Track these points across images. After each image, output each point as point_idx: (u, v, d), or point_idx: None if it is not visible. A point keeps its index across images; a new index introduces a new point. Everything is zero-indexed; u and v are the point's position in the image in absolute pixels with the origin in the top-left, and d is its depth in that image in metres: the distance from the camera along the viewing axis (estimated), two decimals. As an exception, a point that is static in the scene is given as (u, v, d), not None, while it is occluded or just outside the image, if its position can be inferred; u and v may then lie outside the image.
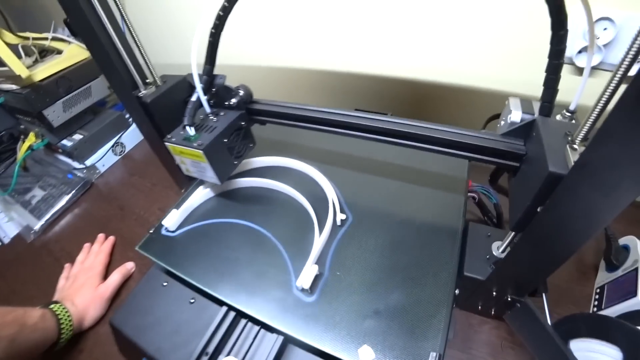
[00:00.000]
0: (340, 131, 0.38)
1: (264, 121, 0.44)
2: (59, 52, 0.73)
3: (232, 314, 0.37)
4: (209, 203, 0.48)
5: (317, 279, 0.36)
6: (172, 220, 0.43)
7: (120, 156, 0.80)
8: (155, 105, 0.43)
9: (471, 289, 0.38)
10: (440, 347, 0.30)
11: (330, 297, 0.35)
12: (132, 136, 0.81)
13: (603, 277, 0.43)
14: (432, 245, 0.39)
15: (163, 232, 0.44)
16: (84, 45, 0.74)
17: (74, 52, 0.73)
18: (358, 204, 0.44)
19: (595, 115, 0.23)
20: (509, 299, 0.36)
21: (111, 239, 0.59)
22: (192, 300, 0.40)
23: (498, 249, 0.39)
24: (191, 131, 0.39)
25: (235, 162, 0.43)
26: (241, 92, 0.41)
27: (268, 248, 0.40)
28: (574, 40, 0.45)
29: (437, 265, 0.37)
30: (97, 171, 0.75)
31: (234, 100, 0.41)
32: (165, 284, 0.42)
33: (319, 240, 0.38)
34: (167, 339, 0.38)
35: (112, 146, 0.78)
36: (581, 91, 0.28)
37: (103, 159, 0.76)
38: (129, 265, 0.54)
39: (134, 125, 0.82)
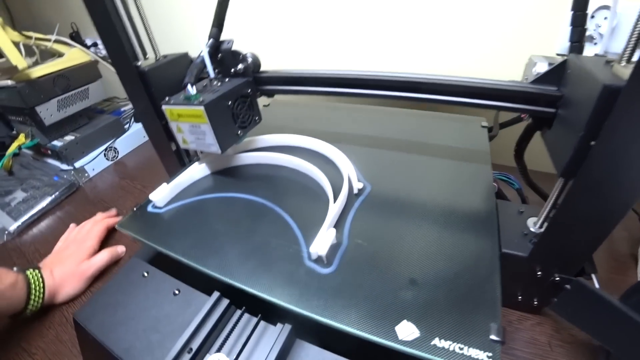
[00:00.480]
0: (359, 92, 0.35)
1: (272, 91, 0.41)
2: (61, 55, 0.72)
3: (225, 302, 0.29)
4: (205, 180, 0.43)
5: (334, 248, 0.31)
6: (160, 195, 0.38)
7: (112, 161, 0.76)
8: (153, 76, 0.40)
9: (510, 272, 0.33)
10: (499, 318, 0.24)
11: (353, 267, 0.29)
12: (127, 142, 0.78)
13: (647, 263, 0.39)
14: (465, 212, 0.34)
15: (149, 208, 0.38)
16: (86, 50, 0.74)
17: (75, 56, 0.72)
18: (376, 175, 0.40)
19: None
20: (557, 279, 0.30)
21: (113, 212, 0.57)
22: (176, 292, 0.33)
23: (535, 224, 0.34)
24: (192, 90, 0.36)
25: (239, 132, 0.39)
26: (249, 59, 0.39)
27: (272, 219, 0.35)
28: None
29: (475, 228, 0.32)
30: (86, 174, 0.71)
31: (240, 66, 0.39)
32: (146, 274, 0.36)
33: (334, 207, 0.33)
34: (141, 337, 0.30)
35: (105, 150, 0.74)
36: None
37: (93, 162, 0.72)
38: (120, 249, 0.49)
39: (130, 131, 0.79)
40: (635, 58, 0.22)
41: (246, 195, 0.38)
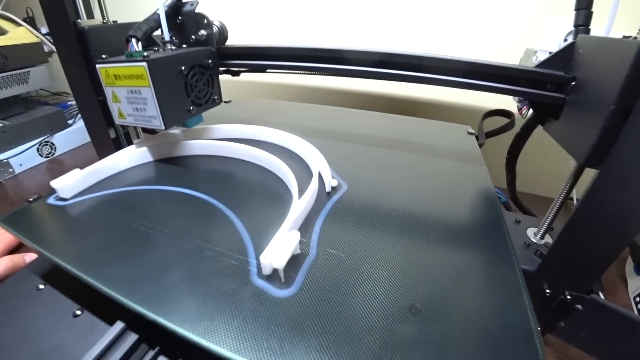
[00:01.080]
0: (342, 68, 0.30)
1: (236, 69, 0.35)
2: (4, 33, 0.63)
3: (131, 337, 0.20)
4: (138, 170, 0.34)
5: (296, 261, 0.22)
6: (67, 182, 0.28)
7: (46, 158, 0.65)
8: (94, 38, 0.34)
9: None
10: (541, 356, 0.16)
11: (324, 288, 0.20)
12: (68, 138, 0.68)
13: (637, 282, 0.37)
14: (467, 216, 0.28)
15: (51, 200, 0.28)
16: (35, 32, 0.66)
17: (20, 35, 0.63)
18: (354, 173, 0.33)
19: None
20: (568, 298, 0.25)
21: None
22: (77, 312, 0.24)
23: (535, 235, 0.29)
24: (137, 46, 0.29)
25: (191, 109, 0.32)
26: (216, 25, 0.33)
27: (213, 219, 0.26)
28: None
29: (484, 235, 0.25)
30: (10, 170, 0.59)
31: (203, 32, 0.33)
32: (41, 287, 0.26)
33: (299, 203, 0.25)
34: None
35: (39, 145, 0.63)
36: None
37: (22, 156, 0.61)
38: (29, 258, 0.38)
39: (74, 127, 0.69)
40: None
41: (183, 189, 0.30)
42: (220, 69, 0.36)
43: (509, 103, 0.49)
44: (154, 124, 0.30)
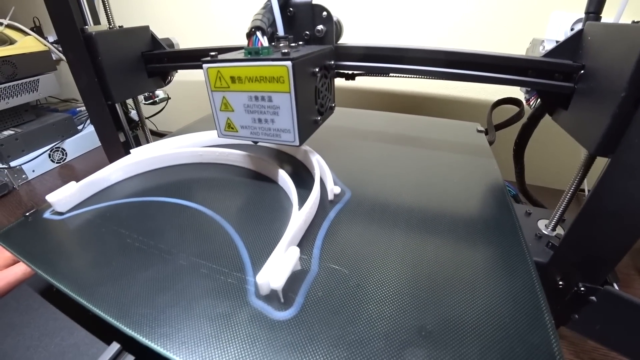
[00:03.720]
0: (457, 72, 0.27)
1: (352, 73, 0.31)
2: (12, 42, 0.64)
3: (128, 359, 0.19)
4: (134, 181, 0.33)
5: (297, 278, 0.20)
6: (62, 195, 0.27)
7: (58, 164, 0.66)
8: (102, 44, 0.34)
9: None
10: None
11: (326, 310, 0.18)
12: (78, 144, 0.69)
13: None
14: (476, 216, 0.26)
15: (47, 215, 0.28)
16: (42, 40, 0.67)
17: (28, 44, 0.65)
18: (357, 179, 0.31)
19: None
20: (582, 290, 0.25)
21: None
22: (67, 336, 0.23)
23: (547, 227, 0.29)
24: (263, 40, 0.25)
25: (318, 119, 0.28)
26: (334, 18, 0.28)
27: (209, 233, 0.25)
28: None
29: (500, 244, 0.23)
30: (24, 176, 0.61)
31: (321, 28, 0.28)
32: (36, 305, 0.25)
33: (299, 215, 0.23)
34: None
35: (50, 151, 0.64)
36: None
37: (34, 162, 0.62)
38: None
39: (83, 132, 0.70)
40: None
41: (179, 200, 0.29)
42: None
43: (515, 95, 0.49)
44: (283, 138, 0.25)
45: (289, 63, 0.22)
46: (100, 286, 0.21)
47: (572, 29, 0.32)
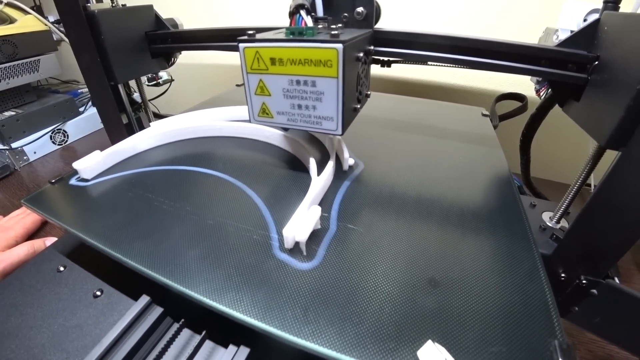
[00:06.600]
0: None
1: (389, 59, 0.30)
2: (13, 21, 0.63)
3: (157, 310, 0.20)
4: (157, 151, 0.34)
5: (317, 235, 0.22)
6: (89, 163, 0.29)
7: (59, 146, 0.66)
8: (105, 22, 0.33)
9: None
10: (560, 331, 0.17)
11: (345, 262, 0.20)
12: (80, 126, 0.69)
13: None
14: (485, 194, 0.27)
15: (73, 181, 0.29)
16: (43, 19, 0.66)
17: (28, 23, 0.63)
18: (370, 152, 0.33)
19: None
20: (583, 282, 0.25)
21: None
22: (97, 293, 0.24)
23: (551, 219, 0.29)
24: (308, 20, 0.23)
25: (357, 107, 0.26)
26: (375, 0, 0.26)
27: (232, 196, 0.27)
28: None
29: (503, 216, 0.24)
30: (25, 157, 0.60)
31: (361, 10, 0.26)
32: (62, 269, 0.26)
33: (318, 180, 0.25)
34: (37, 356, 0.21)
35: (52, 132, 0.64)
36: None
37: (36, 144, 0.62)
38: (49, 242, 0.39)
39: (85, 114, 0.70)
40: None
41: (202, 169, 0.30)
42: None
43: (521, 85, 0.48)
44: (324, 127, 0.24)
45: (340, 46, 0.20)
46: (132, 243, 0.22)
47: (585, 20, 0.31)
